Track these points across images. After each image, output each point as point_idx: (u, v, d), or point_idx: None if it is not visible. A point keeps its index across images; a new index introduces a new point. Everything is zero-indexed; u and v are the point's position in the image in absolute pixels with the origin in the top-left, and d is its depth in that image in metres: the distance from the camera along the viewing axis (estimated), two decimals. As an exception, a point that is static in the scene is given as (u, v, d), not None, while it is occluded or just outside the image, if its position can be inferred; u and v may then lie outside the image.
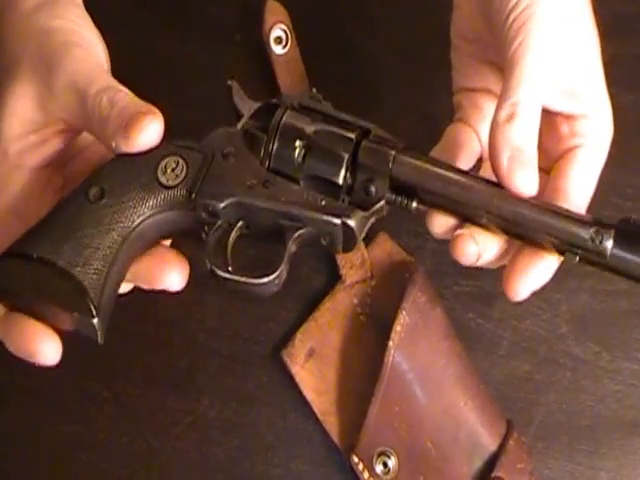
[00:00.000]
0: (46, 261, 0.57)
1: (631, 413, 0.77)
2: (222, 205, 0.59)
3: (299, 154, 0.59)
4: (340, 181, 0.59)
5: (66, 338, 0.76)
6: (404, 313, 0.74)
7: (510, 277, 0.58)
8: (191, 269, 0.62)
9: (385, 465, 0.75)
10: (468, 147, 0.63)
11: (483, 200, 0.57)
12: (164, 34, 0.80)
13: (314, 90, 0.62)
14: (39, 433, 0.78)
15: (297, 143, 0.59)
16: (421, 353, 0.75)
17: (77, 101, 0.58)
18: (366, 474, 0.76)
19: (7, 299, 0.59)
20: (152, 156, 0.59)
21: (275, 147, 0.60)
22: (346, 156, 0.59)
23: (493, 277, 0.76)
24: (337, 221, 0.58)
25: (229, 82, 0.63)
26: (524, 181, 0.56)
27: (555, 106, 0.59)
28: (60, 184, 0.63)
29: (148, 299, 0.77)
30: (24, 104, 0.59)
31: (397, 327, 0.74)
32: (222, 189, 0.59)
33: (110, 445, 0.78)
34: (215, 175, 0.60)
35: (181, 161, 0.60)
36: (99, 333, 0.58)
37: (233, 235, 0.61)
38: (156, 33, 0.80)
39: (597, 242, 0.54)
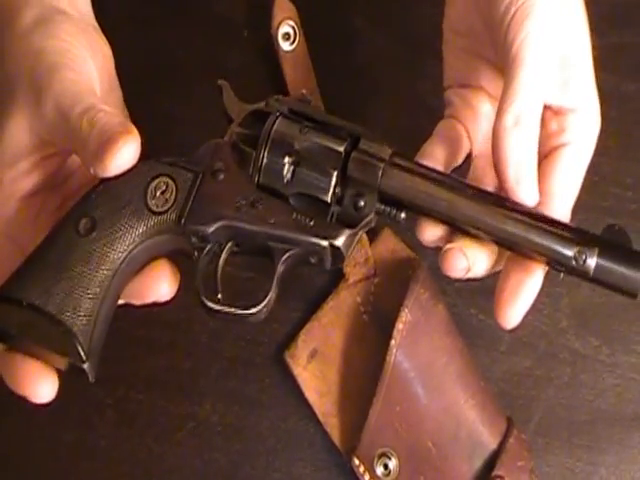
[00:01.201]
0: (35, 307, 0.57)
1: (630, 407, 0.77)
2: (211, 230, 0.59)
3: (288, 170, 0.59)
4: (329, 199, 0.59)
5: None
6: (406, 311, 0.74)
7: (500, 306, 0.59)
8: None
9: (386, 467, 0.75)
10: (458, 144, 0.63)
11: (471, 217, 0.57)
12: (171, 31, 0.80)
13: (304, 92, 0.63)
14: (41, 440, 0.78)
15: (286, 160, 0.59)
16: (423, 351, 0.75)
17: (62, 124, 0.57)
18: (367, 476, 0.76)
19: (1, 340, 0.58)
20: (141, 178, 0.59)
21: (264, 163, 0.59)
22: (335, 173, 0.59)
23: (496, 272, 0.78)
24: (325, 243, 0.59)
25: (220, 82, 0.62)
26: (529, 193, 0.57)
27: (547, 101, 0.59)
28: (56, 205, 0.63)
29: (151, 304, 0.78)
30: (16, 128, 0.59)
31: (399, 325, 0.74)
32: (210, 213, 0.59)
33: (112, 452, 0.77)
34: (204, 197, 0.59)
35: (170, 183, 0.60)
36: (90, 375, 0.58)
37: (223, 257, 0.61)
38: (163, 30, 0.80)
39: (580, 262, 0.56)
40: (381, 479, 0.75)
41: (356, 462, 0.76)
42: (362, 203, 0.59)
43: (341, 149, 0.59)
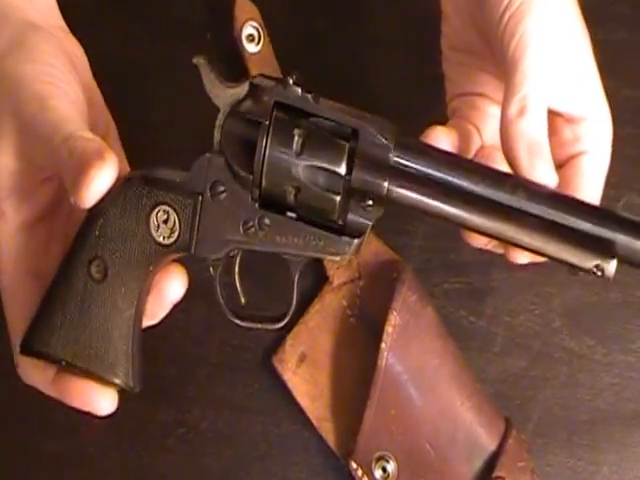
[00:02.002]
0: (72, 364, 0.58)
1: (629, 406, 0.77)
2: (221, 255, 0.59)
3: (290, 194, 0.57)
4: (335, 218, 0.57)
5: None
6: (395, 313, 0.73)
7: None
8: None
9: (384, 470, 0.75)
10: (469, 135, 0.63)
11: (481, 230, 0.57)
12: (133, 35, 0.79)
13: (294, 77, 0.58)
14: (27, 450, 0.77)
15: (286, 186, 0.57)
16: (414, 354, 0.74)
17: (48, 153, 0.57)
18: (365, 480, 0.75)
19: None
20: (140, 211, 0.58)
21: (264, 187, 0.57)
22: (338, 198, 0.56)
23: (482, 272, 0.77)
24: (337, 258, 0.58)
25: (195, 60, 0.58)
26: (546, 173, 0.56)
27: (556, 107, 0.59)
28: (63, 229, 0.62)
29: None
30: (6, 155, 0.58)
31: (388, 328, 0.73)
32: (218, 240, 0.58)
33: (100, 460, 0.77)
34: (209, 224, 0.58)
35: (170, 210, 0.58)
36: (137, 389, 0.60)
37: (237, 267, 0.61)
38: (125, 34, 0.79)
39: (599, 273, 0.56)
40: (380, 482, 0.75)
41: (354, 466, 0.75)
42: (369, 214, 0.57)
43: (342, 170, 0.56)
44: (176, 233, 0.58)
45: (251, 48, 0.77)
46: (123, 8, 0.80)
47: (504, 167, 0.58)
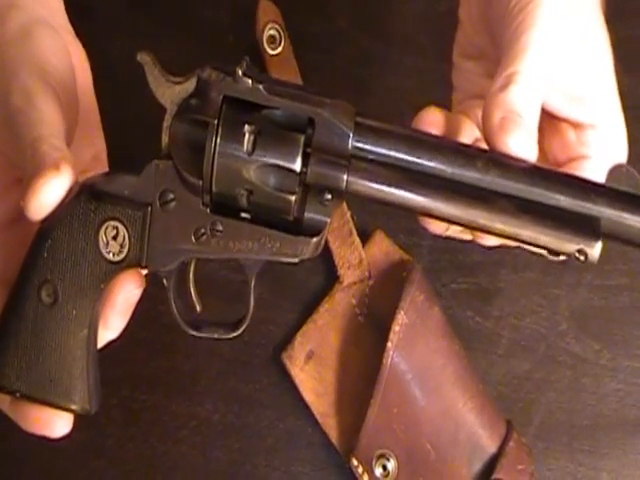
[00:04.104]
0: (26, 396, 0.56)
1: (633, 412, 0.76)
2: (173, 267, 0.56)
3: (242, 196, 0.53)
4: (291, 218, 0.54)
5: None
6: (402, 313, 0.74)
7: None
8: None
9: (384, 468, 0.75)
10: (463, 122, 0.60)
11: (449, 219, 0.53)
12: (156, 36, 0.79)
13: (244, 67, 0.54)
14: (50, 442, 0.79)
15: (237, 190, 0.53)
16: (419, 353, 0.74)
17: (19, 150, 0.55)
18: (366, 477, 0.76)
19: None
20: (88, 228, 0.55)
21: (214, 192, 0.54)
22: (293, 197, 0.53)
23: (490, 273, 0.77)
24: (295, 260, 0.55)
25: (138, 57, 0.55)
26: (517, 142, 0.52)
27: (561, 111, 0.57)
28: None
29: (150, 306, 0.78)
30: None
31: (395, 327, 0.74)
32: (169, 252, 0.55)
33: (118, 451, 0.79)
34: (158, 236, 0.55)
35: (119, 225, 0.55)
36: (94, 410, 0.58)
37: (191, 275, 0.59)
38: (148, 36, 0.80)
39: (581, 258, 0.52)
40: (380, 480, 0.76)
41: (355, 463, 0.76)
42: (327, 210, 0.54)
43: (296, 166, 0.53)
44: (126, 248, 0.55)
45: (272, 50, 0.78)
46: (147, 10, 0.81)
47: None
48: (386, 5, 0.80)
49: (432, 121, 0.58)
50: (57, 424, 0.57)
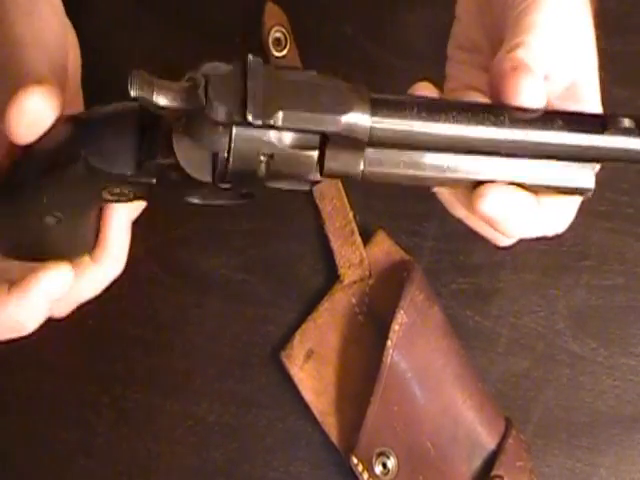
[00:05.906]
0: None
1: (629, 409, 0.77)
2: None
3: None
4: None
5: (64, 344, 0.76)
6: (402, 312, 0.74)
7: None
8: (189, 272, 0.61)
9: (384, 466, 0.75)
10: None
11: (475, 144, 0.52)
12: (163, 37, 0.79)
13: (250, 59, 0.53)
14: (39, 439, 0.78)
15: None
16: (419, 352, 0.75)
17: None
18: (366, 475, 0.76)
19: None
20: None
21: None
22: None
23: (490, 274, 0.78)
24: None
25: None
26: (528, 86, 0.52)
27: (553, 100, 0.57)
28: None
29: (147, 303, 0.78)
30: None
31: (395, 326, 0.74)
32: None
33: (109, 450, 0.78)
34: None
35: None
36: None
37: None
38: (155, 36, 0.79)
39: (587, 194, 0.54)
40: (380, 478, 0.75)
41: (354, 461, 0.76)
42: None
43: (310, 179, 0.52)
44: None
45: (277, 53, 0.78)
46: (152, 10, 0.80)
47: None
48: (392, 13, 0.80)
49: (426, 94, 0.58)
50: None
